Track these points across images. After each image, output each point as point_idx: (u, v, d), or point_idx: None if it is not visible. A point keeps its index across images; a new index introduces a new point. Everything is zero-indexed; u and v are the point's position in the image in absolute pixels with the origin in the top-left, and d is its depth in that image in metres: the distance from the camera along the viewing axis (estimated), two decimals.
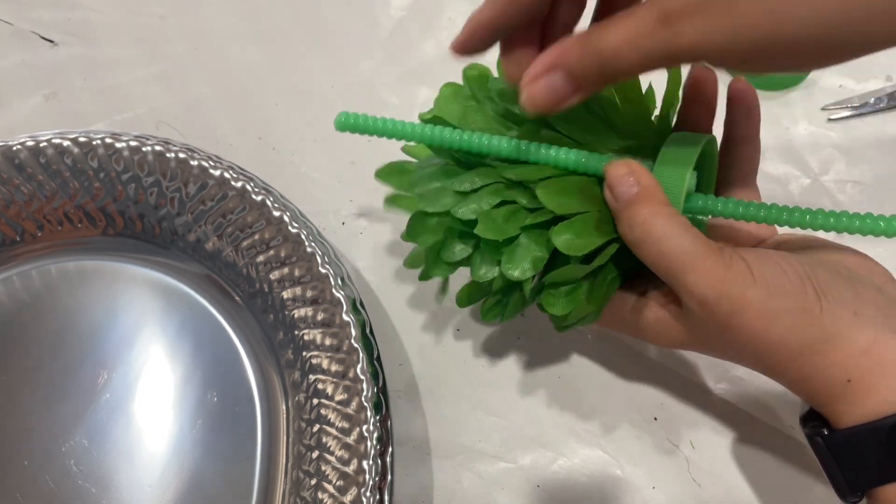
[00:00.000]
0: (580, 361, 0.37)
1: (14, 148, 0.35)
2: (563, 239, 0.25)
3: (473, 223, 0.27)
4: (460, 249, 0.28)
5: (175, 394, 0.35)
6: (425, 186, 0.29)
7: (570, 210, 0.26)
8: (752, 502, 0.34)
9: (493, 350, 0.37)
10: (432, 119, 0.29)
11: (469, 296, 0.30)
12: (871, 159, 0.40)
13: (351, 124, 0.30)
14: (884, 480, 0.23)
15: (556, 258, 0.27)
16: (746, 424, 0.35)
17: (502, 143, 0.27)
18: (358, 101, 0.43)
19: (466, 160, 0.29)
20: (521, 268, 0.26)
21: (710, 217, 0.29)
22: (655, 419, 0.36)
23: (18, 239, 0.37)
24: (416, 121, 0.29)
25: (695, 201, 0.27)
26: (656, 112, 0.29)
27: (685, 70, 0.28)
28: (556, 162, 0.27)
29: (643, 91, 0.29)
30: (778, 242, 0.30)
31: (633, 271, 0.29)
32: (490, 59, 0.27)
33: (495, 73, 0.30)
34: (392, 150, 0.33)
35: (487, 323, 0.32)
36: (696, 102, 0.29)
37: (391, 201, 0.32)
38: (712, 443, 0.35)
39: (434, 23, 0.44)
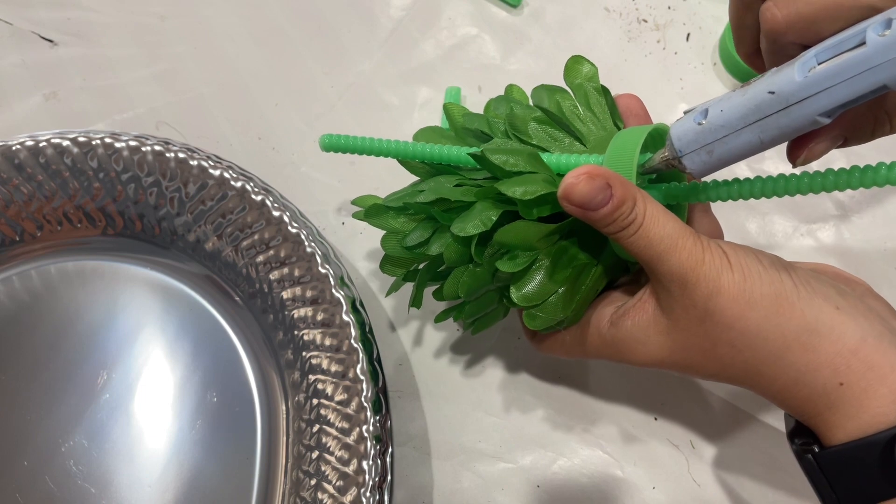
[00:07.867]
0: (580, 361, 0.37)
1: (14, 148, 0.35)
2: (508, 185, 0.26)
3: (431, 207, 0.28)
4: (418, 235, 0.29)
5: (175, 394, 0.35)
6: (393, 196, 0.31)
7: (517, 168, 0.27)
8: (751, 502, 0.34)
9: (493, 350, 0.37)
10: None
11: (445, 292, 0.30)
12: (871, 159, 0.40)
13: (334, 144, 0.33)
14: (878, 498, 0.22)
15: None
16: (747, 424, 0.35)
17: (470, 151, 0.28)
18: (358, 101, 0.43)
19: (438, 172, 0.30)
20: (470, 225, 0.27)
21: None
22: (655, 419, 0.36)
23: (18, 239, 0.37)
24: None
25: (657, 189, 0.27)
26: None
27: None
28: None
29: (605, 103, 0.29)
30: None
31: (614, 281, 0.30)
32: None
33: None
34: None
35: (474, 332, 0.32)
36: (630, 115, 0.30)
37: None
38: (712, 443, 0.35)
39: (434, 23, 0.44)
